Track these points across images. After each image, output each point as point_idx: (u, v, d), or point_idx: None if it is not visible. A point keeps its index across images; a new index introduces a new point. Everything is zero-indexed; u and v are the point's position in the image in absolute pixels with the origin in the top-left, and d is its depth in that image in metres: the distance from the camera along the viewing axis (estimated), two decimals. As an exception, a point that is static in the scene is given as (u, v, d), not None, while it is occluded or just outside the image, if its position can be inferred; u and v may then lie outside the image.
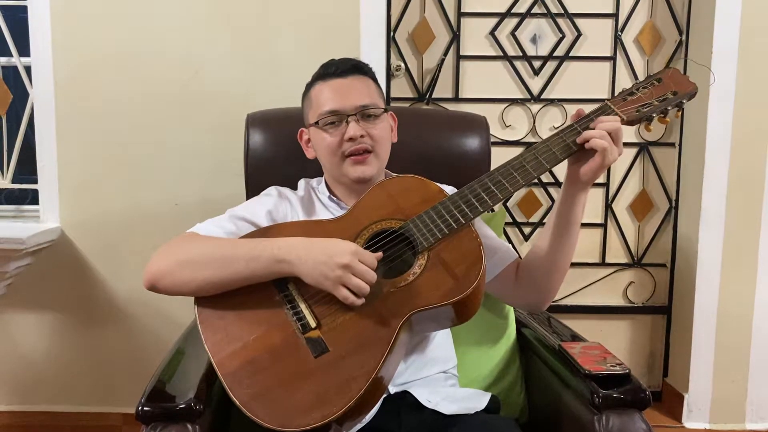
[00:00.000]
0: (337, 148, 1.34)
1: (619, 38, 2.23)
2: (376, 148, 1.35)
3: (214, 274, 1.18)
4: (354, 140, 1.32)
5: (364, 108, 1.34)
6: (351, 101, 1.33)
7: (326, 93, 1.35)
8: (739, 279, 2.18)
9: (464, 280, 1.14)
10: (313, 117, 1.37)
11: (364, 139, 1.33)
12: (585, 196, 1.26)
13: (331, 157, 1.35)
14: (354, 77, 1.36)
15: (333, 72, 1.36)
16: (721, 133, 2.12)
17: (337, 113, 1.33)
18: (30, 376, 2.19)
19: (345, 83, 1.35)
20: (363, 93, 1.35)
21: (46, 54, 2.06)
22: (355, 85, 1.35)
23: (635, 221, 2.32)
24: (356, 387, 1.08)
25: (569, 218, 1.27)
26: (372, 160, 1.35)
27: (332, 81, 1.35)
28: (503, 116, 2.24)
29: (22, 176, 2.24)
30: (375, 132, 1.34)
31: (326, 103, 1.34)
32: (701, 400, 2.21)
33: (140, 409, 1.11)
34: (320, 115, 1.34)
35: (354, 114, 1.33)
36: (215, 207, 1.43)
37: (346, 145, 1.33)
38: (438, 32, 2.21)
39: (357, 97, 1.34)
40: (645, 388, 1.20)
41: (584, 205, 1.27)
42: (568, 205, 1.26)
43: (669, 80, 1.26)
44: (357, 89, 1.35)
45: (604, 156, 1.18)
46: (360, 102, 1.34)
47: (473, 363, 1.52)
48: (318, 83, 1.38)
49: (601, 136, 1.18)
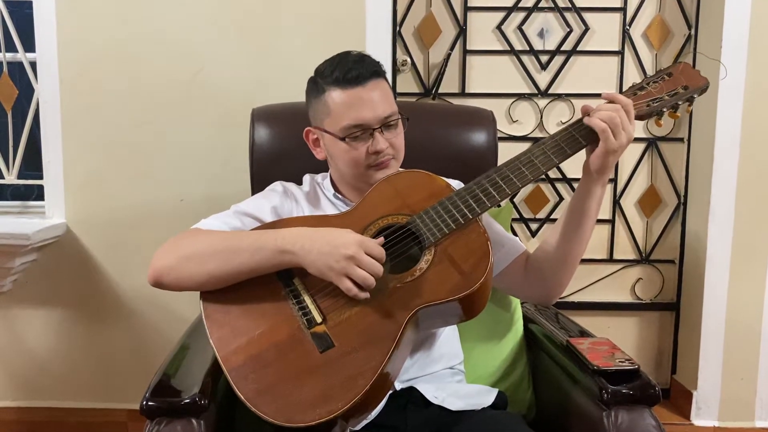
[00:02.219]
0: (362, 161, 1.31)
1: (628, 32, 2.21)
2: (398, 155, 1.34)
3: (218, 266, 1.18)
4: (380, 153, 1.30)
5: (387, 119, 1.31)
6: (376, 114, 1.29)
7: (347, 104, 1.29)
8: (748, 275, 2.16)
9: (471, 276, 1.13)
10: (331, 125, 1.31)
11: (388, 150, 1.31)
12: (600, 190, 1.24)
13: (354, 168, 1.32)
14: (374, 84, 1.30)
15: (353, 79, 1.29)
16: (731, 129, 2.09)
17: (363, 127, 1.29)
18: (35, 372, 2.20)
19: (368, 94, 1.29)
20: (384, 102, 1.31)
21: (51, 50, 2.06)
22: (377, 94, 1.30)
23: (643, 217, 2.30)
24: (362, 382, 1.07)
25: (582, 211, 1.26)
26: (393, 164, 1.34)
27: (353, 90, 1.29)
28: (510, 111, 2.23)
29: (28, 172, 2.24)
30: (397, 141, 1.33)
31: (350, 116, 1.28)
32: (710, 397, 2.19)
33: (145, 404, 1.11)
34: (343, 129, 1.29)
35: (378, 127, 1.30)
36: (221, 203, 1.43)
37: (371, 158, 1.30)
38: (444, 27, 2.20)
39: (379, 108, 1.29)
40: (654, 384, 1.18)
41: (600, 201, 1.26)
42: (582, 197, 1.25)
43: (680, 75, 1.25)
44: (378, 99, 1.30)
45: (606, 137, 1.17)
46: (383, 113, 1.30)
47: (480, 359, 1.51)
48: (335, 90, 1.30)
49: (601, 115, 1.17)
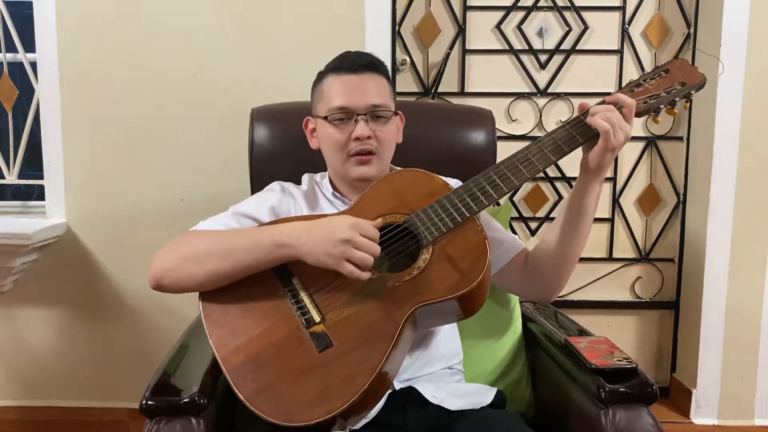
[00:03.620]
0: (343, 145, 1.33)
1: (627, 31, 2.21)
2: (381, 150, 1.34)
3: (217, 265, 1.18)
4: (361, 140, 1.31)
5: (375, 108, 1.32)
6: (363, 100, 1.31)
7: (338, 88, 1.33)
8: (748, 274, 2.15)
9: (469, 274, 1.13)
10: (322, 110, 1.35)
11: (370, 141, 1.32)
12: (598, 187, 1.25)
13: (336, 153, 1.34)
14: (368, 75, 1.34)
15: (348, 67, 1.33)
16: (730, 127, 2.09)
17: (348, 110, 1.32)
18: (36, 371, 2.20)
19: (359, 80, 1.33)
20: (375, 93, 1.33)
21: (51, 50, 2.06)
22: (369, 83, 1.33)
23: (643, 216, 2.30)
24: (360, 382, 1.08)
25: (581, 209, 1.26)
26: (375, 162, 1.34)
27: (346, 76, 1.33)
28: (509, 110, 2.23)
29: (29, 172, 2.24)
30: (382, 134, 1.33)
31: (337, 98, 1.32)
32: (710, 395, 2.19)
33: (144, 403, 1.11)
34: (330, 110, 1.33)
35: (364, 114, 1.31)
36: (221, 202, 1.43)
37: (352, 144, 1.32)
38: (444, 26, 2.20)
39: (369, 96, 1.32)
40: (652, 383, 1.19)
41: (597, 198, 1.26)
42: (580, 194, 1.25)
43: (677, 71, 1.25)
44: (370, 88, 1.33)
45: (607, 138, 1.17)
46: (371, 102, 1.32)
47: (479, 358, 1.51)
48: (331, 75, 1.35)
49: (604, 116, 1.18)
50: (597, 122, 1.18)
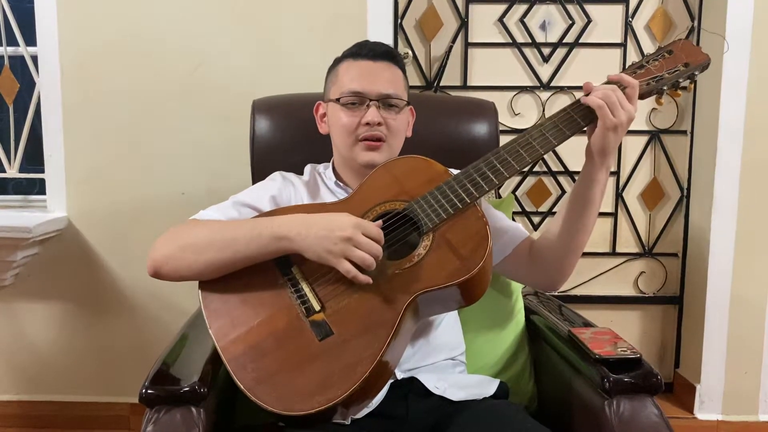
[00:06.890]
0: (353, 130, 1.32)
1: (630, 24, 2.19)
2: (390, 138, 1.33)
3: (215, 255, 1.17)
4: (371, 125, 1.31)
5: (388, 96, 1.32)
6: (376, 86, 1.32)
7: (353, 72, 1.34)
8: (752, 268, 2.14)
9: (470, 260, 1.12)
10: (335, 93, 1.35)
11: (381, 127, 1.31)
12: (603, 176, 1.23)
13: (345, 137, 1.34)
14: (384, 63, 1.35)
15: (365, 53, 1.34)
16: (734, 121, 2.08)
17: (360, 95, 1.32)
18: (37, 365, 2.20)
19: (374, 67, 1.34)
20: (390, 81, 1.33)
21: (52, 43, 2.06)
22: (384, 71, 1.34)
23: (646, 210, 2.29)
24: (361, 370, 1.07)
25: (585, 199, 1.25)
26: (384, 149, 1.33)
27: (362, 62, 1.34)
28: (512, 104, 2.21)
29: (30, 166, 2.24)
30: (393, 123, 1.33)
31: (351, 82, 1.33)
32: (713, 391, 2.17)
33: (144, 392, 1.10)
34: (343, 93, 1.33)
35: (376, 100, 1.31)
36: (222, 195, 1.42)
37: (361, 129, 1.32)
38: (446, 19, 2.19)
39: (383, 84, 1.32)
40: (656, 373, 1.17)
41: (603, 189, 1.25)
42: (585, 183, 1.24)
43: (680, 52, 1.23)
44: (384, 76, 1.33)
45: (603, 115, 1.16)
46: (384, 89, 1.32)
47: (481, 350, 1.50)
48: (347, 60, 1.36)
49: (599, 94, 1.17)
50: (590, 100, 1.18)
